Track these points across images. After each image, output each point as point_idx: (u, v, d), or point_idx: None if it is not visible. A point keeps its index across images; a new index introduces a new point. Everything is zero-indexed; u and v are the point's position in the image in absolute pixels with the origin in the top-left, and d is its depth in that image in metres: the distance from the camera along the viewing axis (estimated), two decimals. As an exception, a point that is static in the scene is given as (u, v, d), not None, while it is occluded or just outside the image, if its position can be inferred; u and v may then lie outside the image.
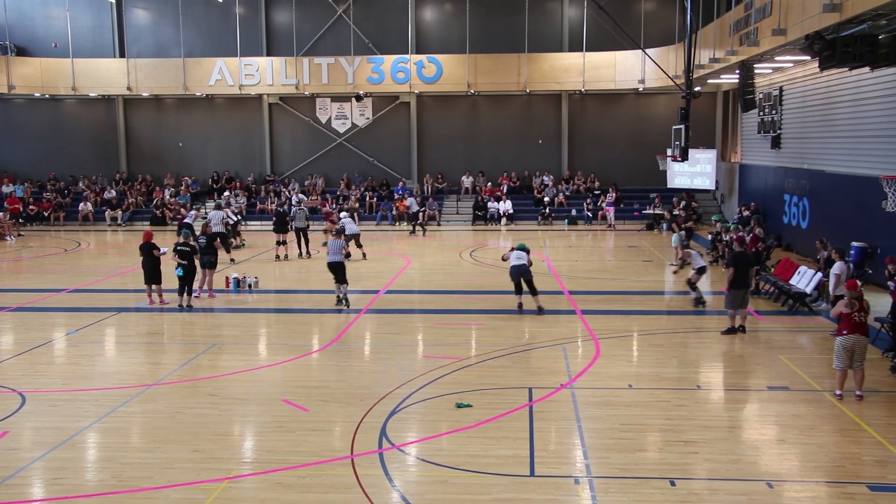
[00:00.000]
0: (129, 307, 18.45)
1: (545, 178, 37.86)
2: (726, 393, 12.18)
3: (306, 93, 37.64)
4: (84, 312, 17.95)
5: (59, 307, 18.66)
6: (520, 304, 17.60)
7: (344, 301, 18.18)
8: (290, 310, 18.28)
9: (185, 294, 18.36)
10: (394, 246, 27.01)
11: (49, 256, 27.04)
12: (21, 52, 39.02)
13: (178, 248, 18.41)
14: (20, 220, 35.40)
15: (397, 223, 35.65)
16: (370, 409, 11.28)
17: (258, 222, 36.07)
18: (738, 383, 12.63)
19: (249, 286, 20.56)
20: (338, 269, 18.05)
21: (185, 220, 26.39)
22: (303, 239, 25.95)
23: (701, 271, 18.41)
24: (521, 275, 17.54)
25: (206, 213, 29.60)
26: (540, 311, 17.30)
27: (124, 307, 18.46)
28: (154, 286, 18.58)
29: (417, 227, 32.86)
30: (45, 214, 36.98)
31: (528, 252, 17.86)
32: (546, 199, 36.24)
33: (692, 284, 18.42)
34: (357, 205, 36.76)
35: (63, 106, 40.44)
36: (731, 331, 15.46)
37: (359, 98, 36.97)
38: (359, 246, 25.04)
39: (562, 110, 38.29)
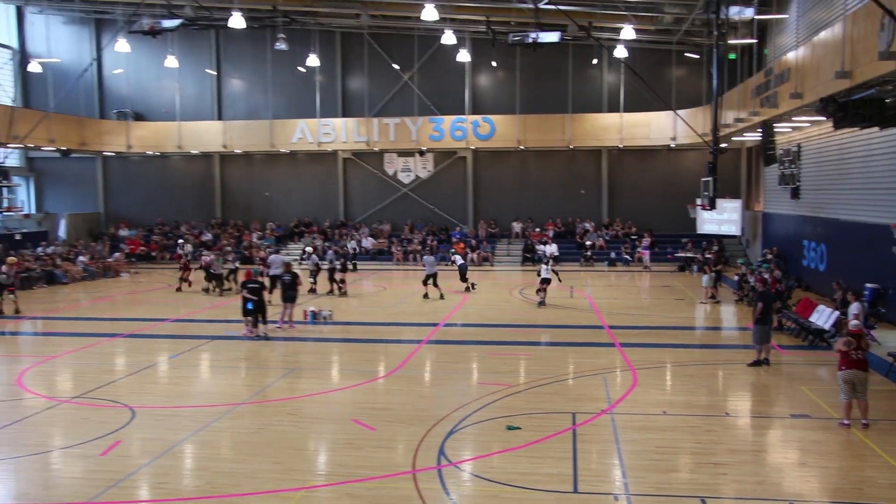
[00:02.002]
0: (222, 335, 18.71)
1: (587, 224, 37.63)
2: (752, 420, 11.88)
3: (376, 149, 38.17)
4: (184, 339, 18.29)
5: (164, 334, 19.05)
6: (471, 286, 26.10)
7: (441, 296, 24.34)
8: (359, 339, 18.34)
9: (258, 325, 18.24)
10: (451, 284, 27.07)
11: (156, 291, 27.69)
12: (138, 117, 40.41)
13: (248, 285, 18.27)
14: (132, 259, 36.41)
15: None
16: (430, 430, 11.24)
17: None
18: (763, 411, 12.33)
19: (324, 318, 20.73)
20: (433, 277, 24.49)
21: (212, 271, 26.38)
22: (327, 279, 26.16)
23: (545, 282, 22.53)
24: (466, 270, 26.36)
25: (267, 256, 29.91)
26: (473, 287, 26.19)
27: (218, 335, 18.73)
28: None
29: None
30: (153, 255, 37.91)
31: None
32: (588, 243, 35.99)
33: (539, 291, 22.67)
34: (420, 247, 36.95)
35: (170, 162, 41.66)
36: (756, 363, 15.12)
37: (421, 153, 37.44)
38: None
39: (602, 164, 38.15)
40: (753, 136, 28.53)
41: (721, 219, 32.04)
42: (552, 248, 35.61)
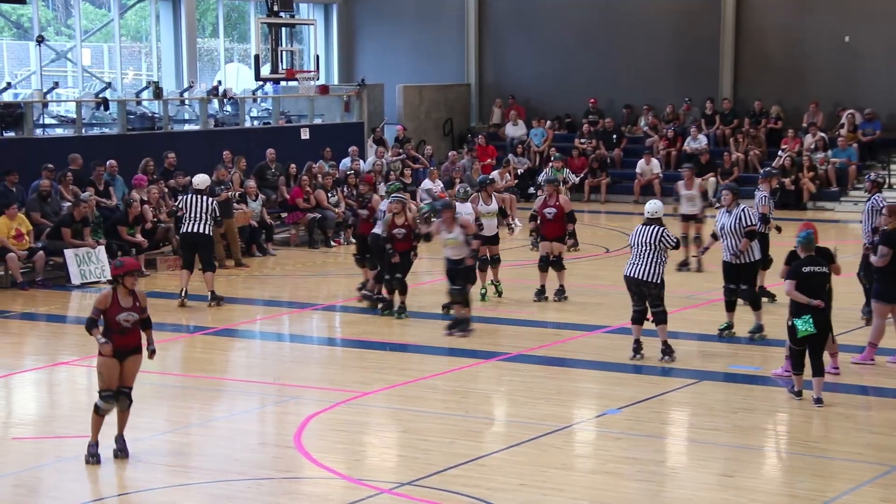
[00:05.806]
0: (722, 372, 18.94)
1: None
2: None
3: None
4: (639, 375, 18.78)
5: (594, 361, 19.68)
6: None
7: None
8: None
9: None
10: None
11: (589, 260, 29.14)
12: None
13: (804, 266, 16.82)
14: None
15: None
16: None
17: None
18: None
19: None
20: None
21: None
22: None
23: None
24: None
25: None
26: None
27: (716, 372, 18.99)
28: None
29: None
30: (581, 178, 39.47)
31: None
32: None
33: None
34: None
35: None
36: None
37: None
38: None
39: None
40: None
41: None
42: None
